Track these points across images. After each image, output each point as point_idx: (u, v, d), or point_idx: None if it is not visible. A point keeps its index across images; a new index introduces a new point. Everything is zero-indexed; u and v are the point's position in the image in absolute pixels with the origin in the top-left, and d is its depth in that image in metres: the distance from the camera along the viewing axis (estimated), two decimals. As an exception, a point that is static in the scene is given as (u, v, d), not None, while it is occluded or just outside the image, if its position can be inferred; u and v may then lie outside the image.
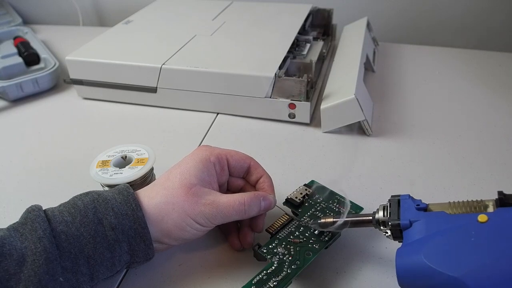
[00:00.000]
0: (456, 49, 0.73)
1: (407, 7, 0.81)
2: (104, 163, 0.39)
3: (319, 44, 0.65)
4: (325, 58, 0.67)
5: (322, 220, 0.34)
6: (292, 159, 0.48)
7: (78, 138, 0.53)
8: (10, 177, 0.47)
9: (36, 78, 0.62)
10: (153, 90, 0.57)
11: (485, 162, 0.46)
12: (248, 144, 0.50)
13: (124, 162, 0.41)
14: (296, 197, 0.38)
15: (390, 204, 0.31)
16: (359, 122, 0.50)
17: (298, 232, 0.35)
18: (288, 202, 0.38)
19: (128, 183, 0.36)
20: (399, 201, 0.31)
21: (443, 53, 0.72)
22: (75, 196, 0.32)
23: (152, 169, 0.41)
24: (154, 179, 0.42)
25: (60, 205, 0.32)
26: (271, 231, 0.35)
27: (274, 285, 0.30)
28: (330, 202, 0.38)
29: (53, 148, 0.52)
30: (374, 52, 0.69)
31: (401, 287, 0.27)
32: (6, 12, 0.92)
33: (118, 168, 0.39)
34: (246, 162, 0.37)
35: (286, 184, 0.42)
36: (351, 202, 0.38)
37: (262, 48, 0.59)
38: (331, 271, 0.34)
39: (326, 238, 0.34)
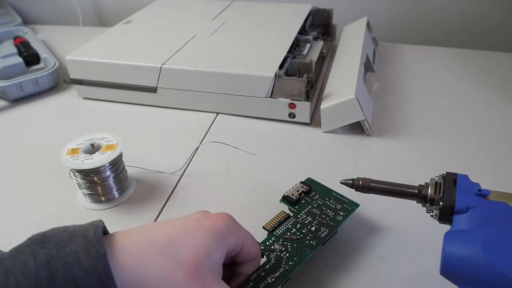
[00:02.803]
0: (456, 49, 0.73)
1: (407, 7, 0.81)
2: (74, 151, 0.40)
3: (319, 44, 0.65)
4: (325, 58, 0.67)
5: (359, 182, 0.33)
6: (292, 159, 0.48)
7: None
8: (10, 177, 0.47)
9: (36, 78, 0.62)
10: (153, 90, 0.57)
11: (485, 162, 0.46)
12: (248, 144, 0.50)
13: (93, 149, 0.41)
14: (293, 194, 0.38)
15: (444, 181, 0.28)
16: (359, 122, 0.50)
17: (295, 229, 0.35)
18: (285, 199, 0.38)
19: (98, 167, 0.38)
20: (455, 180, 0.28)
21: (443, 53, 0.72)
22: (28, 244, 0.24)
23: (121, 154, 0.42)
24: (124, 165, 0.43)
25: (9, 256, 0.23)
26: (268, 228, 0.35)
27: (272, 282, 0.30)
28: (327, 199, 0.38)
29: (53, 148, 0.51)
30: (374, 52, 0.69)
31: (443, 275, 0.25)
32: (6, 12, 0.92)
33: (88, 154, 0.40)
34: (254, 255, 0.30)
35: (285, 184, 0.42)
36: (347, 199, 0.38)
37: (262, 48, 0.59)
38: (331, 270, 0.34)
39: (323, 235, 0.34)
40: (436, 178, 0.29)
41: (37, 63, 0.68)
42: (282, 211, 0.37)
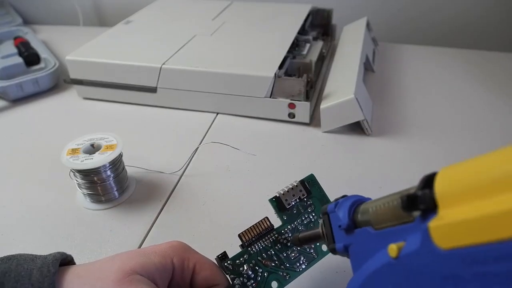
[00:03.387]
0: (456, 49, 0.73)
1: (407, 7, 0.81)
2: (74, 151, 0.40)
3: (319, 44, 0.65)
4: (325, 58, 0.67)
5: (301, 234, 0.29)
6: (291, 159, 0.48)
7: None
8: (10, 177, 0.47)
9: (36, 78, 0.62)
10: (153, 90, 0.57)
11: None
12: (248, 144, 0.50)
13: (93, 149, 0.41)
14: (287, 200, 0.31)
15: (324, 220, 0.25)
16: (358, 122, 0.50)
17: (273, 250, 0.29)
18: (276, 200, 0.31)
19: (98, 167, 0.39)
20: (328, 216, 0.25)
21: (443, 53, 0.72)
22: None
23: (121, 154, 0.42)
24: (123, 165, 0.43)
25: None
26: (244, 240, 0.29)
27: None
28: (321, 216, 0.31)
29: (53, 148, 0.52)
30: (374, 52, 0.69)
31: None
32: (6, 12, 0.92)
33: (88, 155, 0.40)
34: (212, 282, 0.27)
35: (285, 184, 0.42)
36: (319, 192, 0.32)
37: (262, 48, 0.59)
38: (331, 270, 0.34)
39: (300, 268, 0.29)
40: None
41: (37, 63, 0.68)
42: (267, 218, 0.30)
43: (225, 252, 0.28)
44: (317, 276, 0.34)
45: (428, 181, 0.17)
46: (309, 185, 0.32)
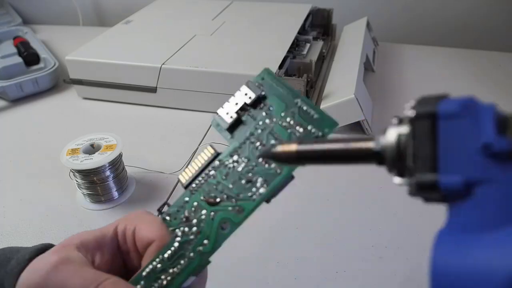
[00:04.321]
0: (456, 49, 0.73)
1: (407, 7, 0.81)
2: (74, 151, 0.40)
3: (319, 44, 0.65)
4: (325, 58, 0.67)
5: (279, 149, 0.20)
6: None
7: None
8: (10, 177, 0.47)
9: (36, 78, 0.62)
10: (153, 90, 0.57)
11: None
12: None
13: (93, 149, 0.42)
14: (228, 113, 0.22)
15: (413, 125, 0.15)
16: (358, 122, 0.50)
17: (219, 181, 0.22)
18: (215, 122, 0.23)
19: (98, 167, 0.39)
20: (433, 122, 0.14)
21: (443, 53, 0.72)
22: None
23: (120, 154, 0.42)
24: (123, 166, 0.43)
25: None
26: (182, 180, 0.23)
27: (166, 283, 0.21)
28: (283, 114, 0.22)
29: (53, 148, 0.51)
30: (374, 52, 0.69)
31: None
32: (6, 12, 0.92)
33: (88, 155, 0.40)
34: (149, 236, 0.23)
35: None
36: (319, 111, 0.21)
37: (262, 48, 0.59)
38: (331, 270, 0.34)
39: (258, 193, 0.21)
40: (400, 120, 0.16)
41: (37, 63, 0.68)
42: (209, 145, 0.23)
43: (166, 202, 0.23)
44: (317, 275, 0.34)
45: None
46: (258, 92, 0.22)
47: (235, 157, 0.22)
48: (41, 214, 0.41)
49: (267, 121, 0.22)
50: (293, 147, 0.19)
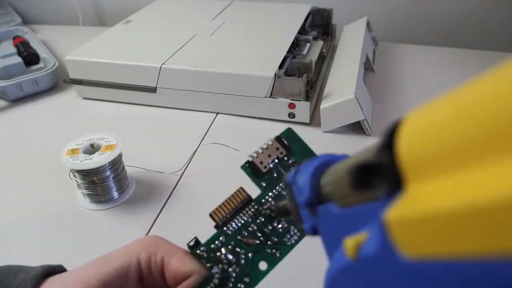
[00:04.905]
0: (456, 49, 0.73)
1: (407, 7, 0.81)
2: (74, 151, 0.40)
3: (319, 44, 0.65)
4: (325, 58, 0.67)
5: (281, 203, 0.22)
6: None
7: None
8: (9, 177, 0.47)
9: (36, 78, 0.62)
10: (153, 90, 0.57)
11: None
12: (248, 144, 0.50)
13: (93, 149, 0.41)
14: (262, 162, 0.24)
15: (287, 189, 0.19)
16: (359, 122, 0.50)
17: (255, 225, 0.24)
18: (249, 165, 0.24)
19: (98, 167, 0.38)
20: (290, 186, 0.19)
21: (443, 53, 0.72)
22: None
23: (120, 154, 0.42)
24: (123, 166, 0.43)
25: None
26: (217, 219, 0.24)
27: None
28: None
29: (53, 148, 0.51)
30: (374, 52, 0.69)
31: None
32: (6, 11, 0.92)
33: (88, 155, 0.40)
34: (184, 273, 0.22)
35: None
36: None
37: (262, 47, 0.59)
38: (331, 271, 0.34)
39: (293, 240, 0.23)
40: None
41: (37, 63, 0.68)
42: (241, 188, 0.25)
43: (196, 238, 0.23)
44: (316, 275, 0.34)
45: (391, 138, 0.11)
46: (288, 140, 0.25)
47: (269, 204, 0.24)
48: (41, 214, 0.41)
49: None
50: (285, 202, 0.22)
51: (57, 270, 0.24)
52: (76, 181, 0.41)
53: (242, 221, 0.24)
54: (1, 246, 0.38)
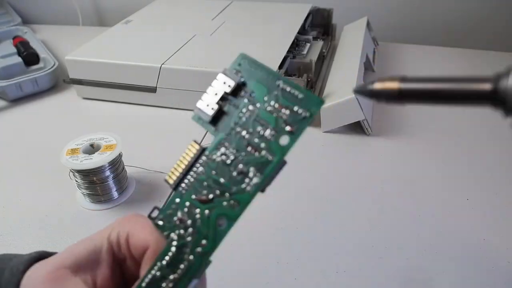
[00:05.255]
0: (456, 49, 0.73)
1: (407, 7, 0.81)
2: (74, 151, 0.40)
3: (319, 44, 0.65)
4: (325, 58, 0.67)
5: (378, 86, 0.20)
6: (291, 158, 0.48)
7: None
8: (9, 177, 0.47)
9: (36, 78, 0.62)
10: (153, 90, 0.57)
11: (485, 162, 0.46)
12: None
13: (92, 149, 0.42)
14: (208, 105, 0.23)
15: None
16: (359, 122, 0.50)
17: (209, 176, 0.21)
18: (196, 116, 0.23)
19: (98, 167, 0.38)
20: None
21: (443, 53, 0.72)
22: None
23: (120, 154, 0.42)
24: (123, 165, 0.43)
25: None
26: (170, 181, 0.22)
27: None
28: (266, 99, 0.21)
29: (53, 148, 0.51)
30: (374, 52, 0.69)
31: None
32: (6, 11, 0.92)
33: (87, 155, 0.40)
34: (143, 243, 0.21)
35: (285, 186, 0.42)
36: (303, 91, 0.21)
37: (262, 47, 0.59)
38: (331, 270, 0.34)
39: (253, 184, 0.20)
40: None
41: (37, 63, 0.68)
42: (194, 141, 0.23)
43: (156, 206, 0.22)
44: (317, 275, 0.34)
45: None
46: (236, 78, 0.23)
47: (223, 150, 0.21)
48: (41, 214, 0.41)
49: (251, 107, 0.21)
50: (394, 84, 0.19)
51: (44, 256, 0.24)
52: (76, 181, 0.41)
53: (195, 176, 0.21)
54: (1, 246, 0.38)
